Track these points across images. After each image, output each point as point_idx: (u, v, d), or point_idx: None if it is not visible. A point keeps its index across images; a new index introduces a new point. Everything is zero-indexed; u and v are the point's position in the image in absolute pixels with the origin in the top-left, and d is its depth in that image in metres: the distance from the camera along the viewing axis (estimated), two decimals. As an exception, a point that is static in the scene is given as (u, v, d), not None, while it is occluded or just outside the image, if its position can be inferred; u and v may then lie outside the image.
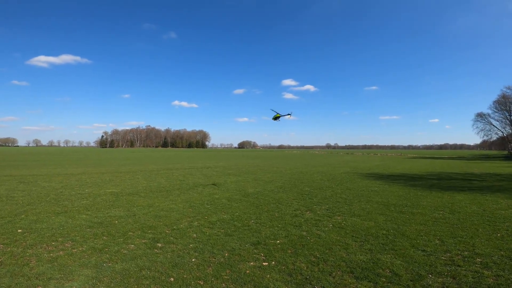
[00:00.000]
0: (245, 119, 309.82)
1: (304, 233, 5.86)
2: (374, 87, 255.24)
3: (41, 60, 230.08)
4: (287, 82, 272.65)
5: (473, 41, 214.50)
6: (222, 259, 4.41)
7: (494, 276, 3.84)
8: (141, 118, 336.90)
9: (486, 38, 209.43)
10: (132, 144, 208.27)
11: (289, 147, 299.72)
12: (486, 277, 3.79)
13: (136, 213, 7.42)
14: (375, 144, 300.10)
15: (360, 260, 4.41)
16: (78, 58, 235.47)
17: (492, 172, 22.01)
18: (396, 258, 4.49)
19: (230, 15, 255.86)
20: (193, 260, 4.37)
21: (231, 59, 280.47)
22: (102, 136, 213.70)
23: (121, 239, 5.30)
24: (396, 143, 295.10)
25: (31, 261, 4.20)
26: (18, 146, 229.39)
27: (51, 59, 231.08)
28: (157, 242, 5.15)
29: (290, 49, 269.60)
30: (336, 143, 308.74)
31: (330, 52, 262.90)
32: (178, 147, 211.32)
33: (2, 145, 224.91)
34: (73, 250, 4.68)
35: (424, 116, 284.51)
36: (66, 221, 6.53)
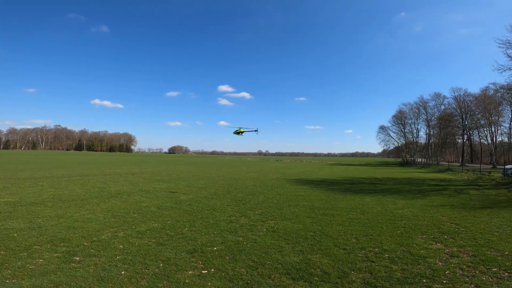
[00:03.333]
0: (178, 123, 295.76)
1: (240, 238, 5.92)
2: (303, 98, 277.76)
3: None
4: (224, 88, 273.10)
5: (381, 61, 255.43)
6: (156, 270, 4.08)
7: (401, 270, 4.46)
8: (49, 117, 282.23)
9: (392, 59, 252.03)
10: (34, 146, 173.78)
11: (222, 153, 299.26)
12: (395, 271, 4.39)
13: (42, 225, 6.25)
14: (301, 151, 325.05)
15: (294, 262, 4.67)
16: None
17: (390, 177, 26.49)
18: (324, 258, 4.90)
19: (169, 13, 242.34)
20: (122, 272, 3.92)
21: (165, 59, 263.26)
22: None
23: (25, 254, 4.44)
24: (319, 151, 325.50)
25: None
26: None
27: None
28: (74, 256, 4.44)
29: (228, 55, 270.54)
30: (267, 150, 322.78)
31: (266, 62, 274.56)
32: (96, 151, 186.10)
33: None
34: (-41, 270, 3.66)
35: (341, 127, 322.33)
36: None
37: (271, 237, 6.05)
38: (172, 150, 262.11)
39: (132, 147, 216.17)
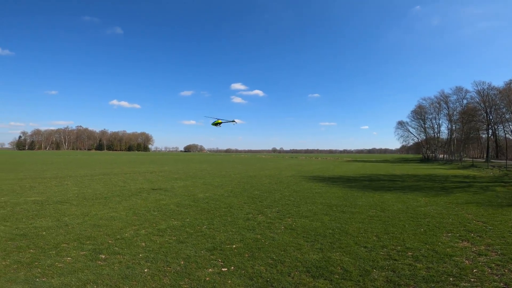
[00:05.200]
0: (192, 122, 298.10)
1: (259, 236, 5.94)
2: (316, 95, 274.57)
3: None
4: (237, 86, 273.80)
5: (398, 55, 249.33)
6: (178, 268, 4.17)
7: (426, 268, 4.34)
8: (70, 118, 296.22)
9: (409, 53, 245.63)
10: (58, 146, 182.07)
11: (237, 151, 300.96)
12: (419, 269, 4.27)
13: (69, 223, 6.53)
14: (316, 148, 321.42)
15: (314, 259, 4.64)
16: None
17: (410, 174, 25.69)
18: (344, 255, 4.85)
19: (180, 13, 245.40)
20: (145, 270, 4.03)
21: (179, 59, 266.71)
22: (20, 137, 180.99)
23: (53, 252, 4.63)
24: (334, 148, 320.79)
25: None
26: None
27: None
28: (100, 254, 4.61)
29: (240, 53, 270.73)
30: (282, 147, 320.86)
31: (278, 59, 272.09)
32: (116, 150, 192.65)
33: None
34: (-6, 266, 3.89)
35: (357, 123, 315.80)
36: (-25, 236, 5.37)
37: (289, 235, 6.03)
38: (188, 149, 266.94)
39: (150, 146, 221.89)
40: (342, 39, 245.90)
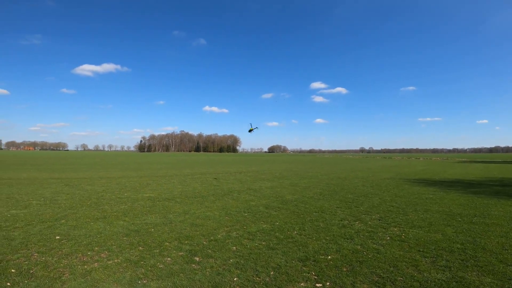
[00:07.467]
0: (275, 123, 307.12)
1: (359, 247, 5.08)
2: (411, 88, 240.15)
3: (85, 69, 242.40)
4: (316, 85, 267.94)
5: None
6: (267, 279, 3.81)
7: None
8: (175, 123, 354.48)
9: None
10: (167, 149, 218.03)
11: (320, 151, 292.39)
12: None
13: (173, 221, 7.12)
14: (414, 147, 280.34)
15: (438, 279, 3.67)
16: (118, 66, 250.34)
17: None
18: (484, 276, 3.76)
19: (256, 19, 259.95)
20: (235, 279, 3.82)
21: (259, 63, 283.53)
22: (141, 141, 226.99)
23: (157, 251, 4.93)
24: (439, 147, 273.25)
25: (64, 274, 3.93)
26: (67, 150, 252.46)
27: (94, 67, 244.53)
28: (195, 256, 4.69)
29: (318, 52, 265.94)
30: (371, 147, 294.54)
31: (361, 54, 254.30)
32: (210, 152, 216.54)
33: (54, 149, 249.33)
34: (108, 262, 4.38)
35: (471, 117, 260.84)
36: (104, 227, 6.41)
37: (399, 248, 4.97)
38: (272, 149, 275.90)
39: (237, 147, 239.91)
40: (440, 24, 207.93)
